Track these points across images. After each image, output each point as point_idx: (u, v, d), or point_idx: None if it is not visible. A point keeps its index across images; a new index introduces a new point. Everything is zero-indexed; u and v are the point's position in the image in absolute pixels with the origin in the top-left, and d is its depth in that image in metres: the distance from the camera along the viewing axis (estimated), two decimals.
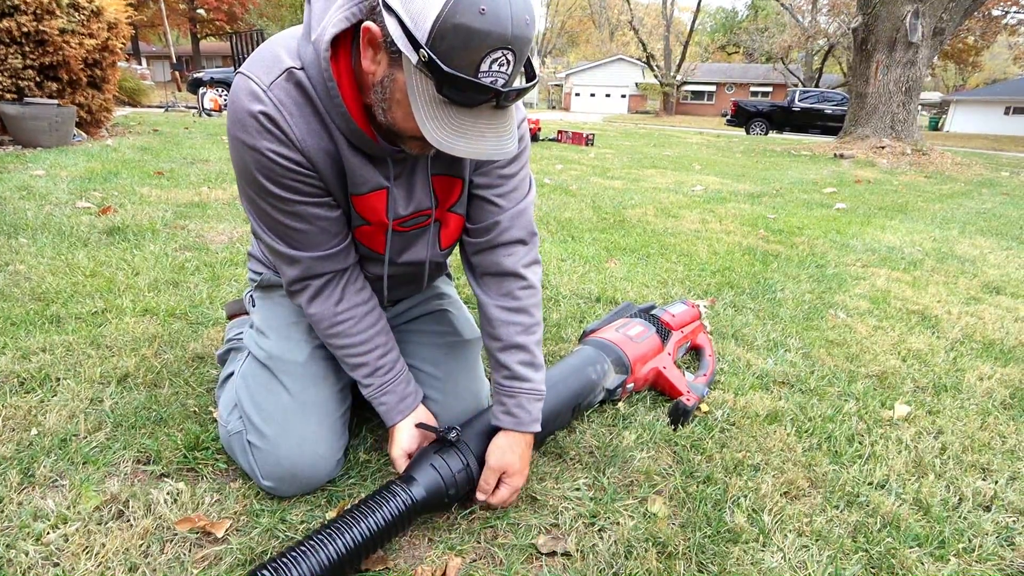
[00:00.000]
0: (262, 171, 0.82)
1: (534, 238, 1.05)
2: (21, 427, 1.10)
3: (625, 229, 3.15)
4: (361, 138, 0.83)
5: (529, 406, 0.98)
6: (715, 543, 0.94)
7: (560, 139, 9.02)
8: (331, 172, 0.87)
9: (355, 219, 0.94)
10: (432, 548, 0.90)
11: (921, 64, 9.06)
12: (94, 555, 0.83)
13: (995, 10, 20.91)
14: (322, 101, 0.81)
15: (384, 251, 0.99)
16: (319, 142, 0.83)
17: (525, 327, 1.00)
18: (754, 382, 1.48)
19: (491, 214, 0.99)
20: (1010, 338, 1.89)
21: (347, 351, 0.98)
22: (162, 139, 5.76)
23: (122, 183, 3.38)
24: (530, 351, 1.00)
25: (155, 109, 11.45)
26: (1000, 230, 3.82)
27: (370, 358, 0.98)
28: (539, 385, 1.00)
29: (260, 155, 0.81)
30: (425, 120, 0.71)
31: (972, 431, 1.32)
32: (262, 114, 0.78)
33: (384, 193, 0.91)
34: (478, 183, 0.99)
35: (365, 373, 0.99)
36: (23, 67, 4.54)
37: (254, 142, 0.80)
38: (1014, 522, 1.03)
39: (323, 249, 0.92)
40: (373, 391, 1.00)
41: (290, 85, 0.80)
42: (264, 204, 0.87)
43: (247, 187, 0.87)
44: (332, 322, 0.96)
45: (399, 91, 0.74)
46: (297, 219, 0.88)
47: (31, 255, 2.02)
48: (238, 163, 0.84)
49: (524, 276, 1.01)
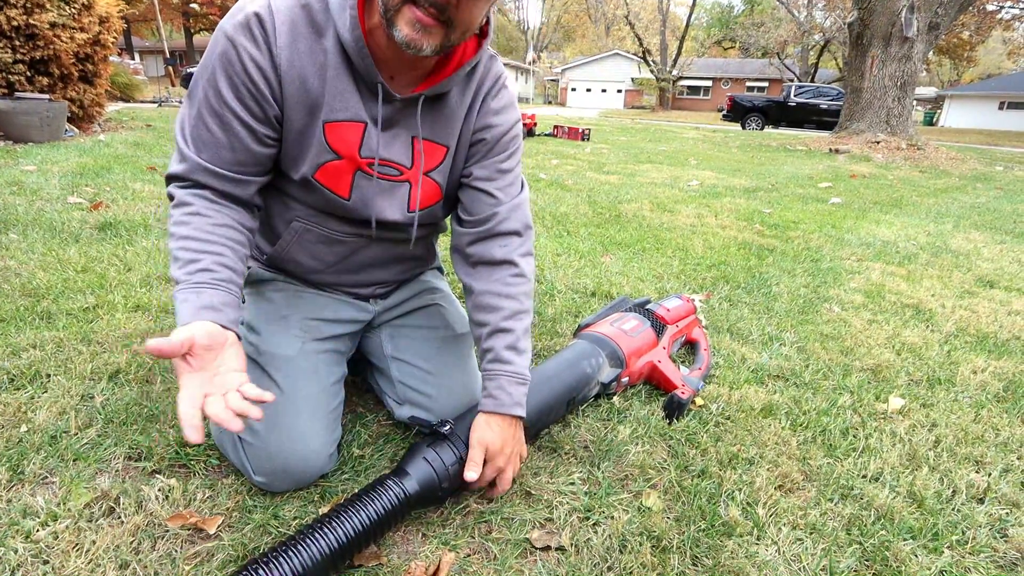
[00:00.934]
0: (223, 61, 0.83)
1: (529, 231, 1.06)
2: (11, 424, 1.09)
3: (621, 224, 3.14)
4: (362, 52, 0.84)
5: (510, 388, 0.97)
6: (709, 536, 0.94)
7: (556, 134, 9.01)
8: (300, 96, 0.86)
9: (323, 153, 0.90)
10: (426, 543, 0.90)
11: (916, 59, 9.07)
12: (84, 552, 0.82)
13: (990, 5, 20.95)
14: (333, 16, 0.84)
15: (348, 195, 0.95)
16: (300, 61, 0.85)
17: (513, 312, 1.00)
18: (749, 376, 1.48)
19: (489, 206, 1.01)
20: (1004, 331, 1.90)
21: (185, 243, 0.83)
22: (155, 134, 5.72)
23: (114, 178, 3.35)
24: (515, 335, 1.00)
25: (148, 104, 11.37)
26: (994, 224, 3.83)
27: (206, 260, 0.83)
28: (521, 369, 0.99)
29: (231, 46, 0.82)
30: None
31: (966, 424, 1.32)
32: (254, 14, 0.81)
33: (361, 127, 0.90)
34: (478, 176, 1.01)
35: (191, 270, 0.81)
36: (13, 61, 4.50)
37: (233, 34, 0.82)
38: (1007, 514, 1.04)
39: (219, 165, 0.87)
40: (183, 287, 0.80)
41: (296, 1, 0.83)
42: (200, 93, 0.85)
43: (199, 72, 0.86)
44: (193, 211, 0.85)
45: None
46: (218, 122, 0.85)
47: (22, 251, 2.01)
48: (208, 53, 0.85)
49: (517, 264, 1.02)
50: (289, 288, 1.08)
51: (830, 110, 15.94)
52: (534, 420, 1.09)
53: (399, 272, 1.16)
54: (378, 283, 1.14)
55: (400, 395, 1.13)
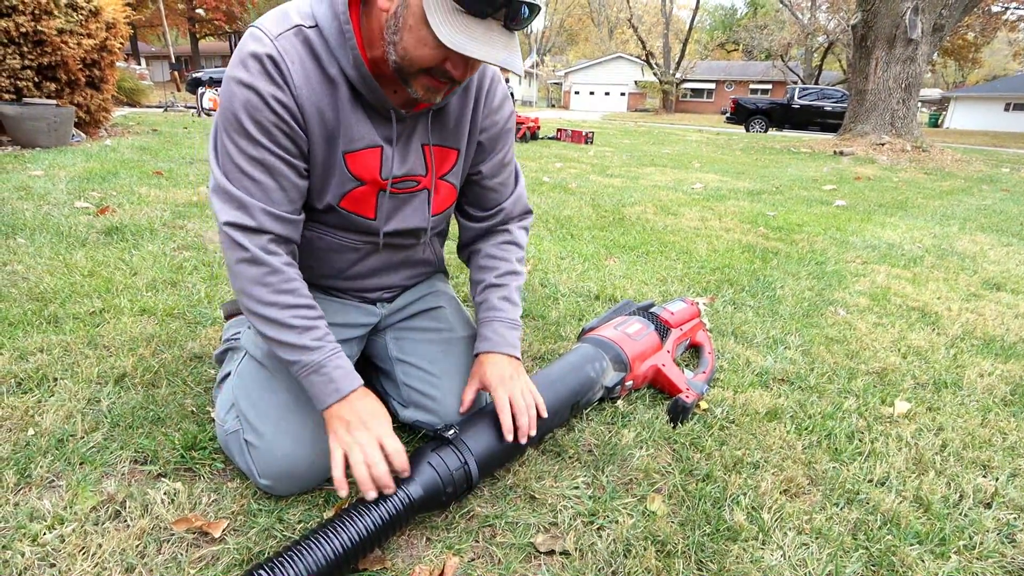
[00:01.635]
0: (248, 109, 0.83)
1: (528, 214, 1.21)
2: (18, 427, 1.10)
3: (624, 227, 3.14)
4: (367, 82, 0.86)
5: (503, 331, 1.06)
6: (714, 541, 0.93)
7: (559, 137, 9.02)
8: (319, 130, 0.88)
9: (347, 182, 0.94)
10: (430, 547, 0.90)
11: (921, 61, 9.04)
12: (91, 556, 0.83)
13: (995, 6, 20.88)
14: (333, 51, 0.85)
15: (374, 215, 0.99)
16: (315, 96, 0.86)
17: (505, 271, 1.12)
18: (754, 379, 1.48)
19: (496, 201, 1.13)
20: (1010, 334, 1.89)
21: (297, 312, 0.89)
22: (161, 139, 5.75)
23: (121, 183, 3.37)
24: (508, 288, 1.11)
25: (154, 109, 11.45)
26: (1000, 226, 3.81)
27: (321, 323, 0.92)
28: (513, 315, 1.09)
29: (253, 93, 0.82)
30: (440, 25, 0.76)
31: (973, 428, 1.31)
32: (266, 56, 0.82)
33: (379, 151, 0.93)
34: (486, 174, 1.09)
35: (317, 336, 0.90)
36: (21, 67, 4.54)
37: (251, 80, 0.82)
38: (1015, 519, 1.03)
39: (276, 207, 0.89)
40: (328, 352, 0.90)
41: (297, 40, 0.84)
42: (232, 147, 0.85)
43: (223, 127, 0.86)
44: (287, 277, 0.90)
45: (412, 16, 0.78)
46: (261, 169, 0.86)
47: (29, 255, 2.02)
48: (226, 104, 0.84)
49: (514, 233, 1.16)
50: None
51: (834, 112, 15.90)
52: (538, 424, 1.09)
53: (407, 277, 1.18)
54: (386, 287, 1.15)
55: (405, 397, 1.13)
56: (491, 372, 1.02)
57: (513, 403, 0.98)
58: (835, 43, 26.03)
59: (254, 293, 0.88)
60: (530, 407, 1.00)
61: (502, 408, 0.97)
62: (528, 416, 0.99)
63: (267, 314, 0.88)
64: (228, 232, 0.88)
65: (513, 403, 0.98)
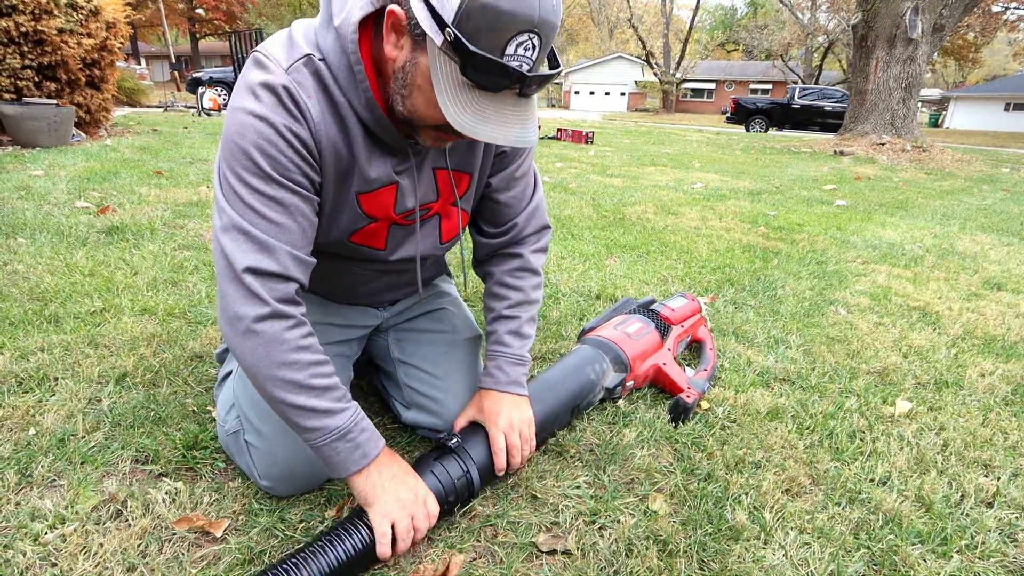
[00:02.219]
0: (261, 143, 0.75)
1: (546, 231, 1.12)
2: (19, 427, 1.10)
3: (625, 227, 3.14)
4: (382, 124, 0.81)
5: (508, 368, 1.04)
6: (716, 541, 0.93)
7: (560, 137, 9.01)
8: (333, 167, 0.83)
9: (359, 220, 0.89)
10: (432, 546, 0.90)
11: (921, 60, 9.04)
12: (92, 555, 0.83)
13: (995, 6, 20.87)
14: (343, 89, 0.78)
15: (384, 247, 0.97)
16: (331, 132, 0.80)
17: (517, 302, 1.07)
18: (755, 379, 1.47)
19: (508, 217, 1.06)
20: (1011, 334, 1.89)
21: (317, 370, 0.81)
22: (161, 139, 5.75)
23: (121, 183, 3.37)
24: (518, 322, 1.07)
25: (154, 109, 11.44)
26: (1001, 226, 3.81)
27: (336, 380, 0.85)
28: (520, 351, 1.06)
29: (267, 126, 0.75)
30: (448, 102, 0.70)
31: (974, 427, 1.31)
32: (282, 87, 0.75)
33: (394, 188, 0.89)
34: (496, 187, 1.03)
35: (338, 396, 0.83)
36: (21, 67, 4.54)
37: (264, 112, 0.75)
38: (1017, 518, 1.03)
39: (298, 250, 0.81)
40: (352, 414, 0.84)
41: (308, 71, 0.77)
42: (242, 186, 0.76)
43: (231, 164, 0.77)
44: (307, 331, 0.82)
45: (420, 76, 0.73)
46: (279, 208, 0.78)
47: (29, 255, 2.02)
48: (233, 137, 0.76)
49: (527, 259, 1.09)
50: None
51: (834, 112, 15.90)
52: (539, 429, 1.09)
53: (411, 291, 1.16)
54: (389, 300, 1.15)
55: (406, 399, 1.13)
56: (490, 408, 1.00)
57: (509, 443, 0.98)
58: (835, 43, 26.04)
59: (268, 355, 0.78)
60: (525, 448, 1.01)
61: (497, 448, 0.97)
62: (520, 457, 1.00)
63: (282, 377, 0.78)
64: (246, 281, 0.76)
65: (509, 443, 0.98)
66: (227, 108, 0.80)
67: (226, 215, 0.77)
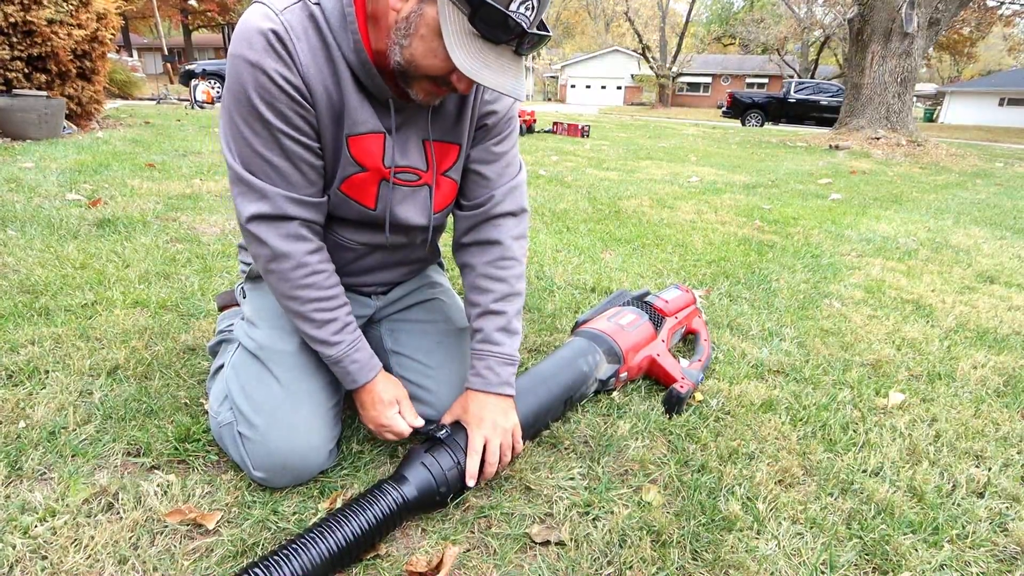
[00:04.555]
0: (259, 91, 0.81)
1: (524, 214, 1.09)
2: (9, 420, 1.09)
3: (620, 220, 3.14)
4: (367, 68, 0.84)
5: (499, 369, 1.01)
6: (709, 531, 0.93)
7: (556, 131, 8.99)
8: (327, 110, 0.86)
9: (348, 166, 0.91)
10: (425, 538, 0.90)
11: (916, 55, 9.05)
12: (83, 548, 0.82)
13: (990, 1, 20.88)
14: (334, 32, 0.83)
15: (374, 205, 0.97)
16: (321, 76, 0.84)
17: (503, 295, 1.04)
18: (749, 371, 1.48)
19: (486, 189, 1.05)
20: (1004, 327, 1.90)
21: (317, 305, 0.92)
22: (153, 131, 5.70)
23: (113, 175, 3.34)
24: (506, 317, 1.04)
25: (146, 101, 11.34)
26: (994, 220, 3.83)
27: (340, 313, 0.95)
28: (510, 350, 1.03)
29: (261, 73, 0.80)
30: (455, 47, 0.75)
31: (966, 419, 1.32)
32: (271, 31, 0.79)
33: (381, 138, 0.91)
34: (474, 158, 1.04)
35: (335, 329, 0.94)
36: (11, 58, 4.48)
37: (258, 58, 0.79)
38: (1007, 508, 1.03)
39: (297, 192, 0.89)
40: (344, 348, 0.95)
41: (303, 15, 0.82)
42: (248, 131, 0.83)
43: (236, 111, 0.83)
44: (310, 270, 0.91)
45: (425, 26, 0.77)
46: (279, 153, 0.85)
47: (20, 247, 2.00)
48: (234, 85, 0.82)
49: (509, 247, 1.06)
50: None
51: (830, 106, 15.89)
52: (532, 422, 1.09)
53: (403, 274, 1.17)
54: (382, 283, 1.15)
55: None
56: (474, 411, 0.98)
57: (487, 449, 0.96)
58: (831, 37, 26.02)
59: (278, 288, 0.92)
60: (505, 455, 0.99)
61: (473, 450, 0.95)
62: (498, 465, 0.97)
63: (290, 307, 0.93)
64: (251, 229, 0.88)
65: (487, 449, 0.96)
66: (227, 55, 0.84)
67: (232, 169, 0.87)
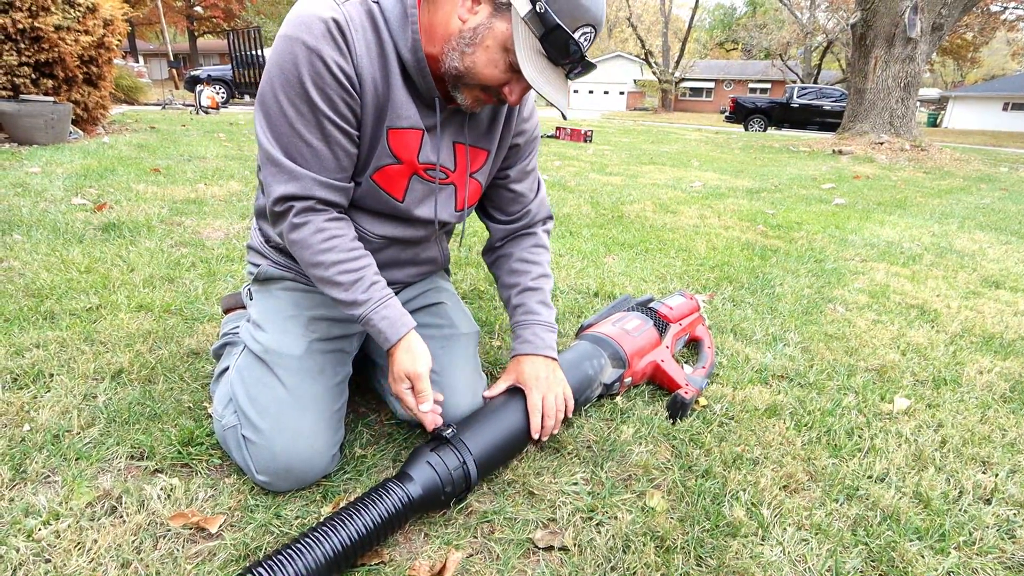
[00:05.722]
0: (312, 75, 0.83)
1: (551, 218, 1.27)
2: (13, 423, 1.09)
3: (623, 225, 3.14)
4: (423, 71, 0.89)
5: (543, 335, 1.11)
6: (714, 537, 0.93)
7: (558, 136, 9.00)
8: (372, 102, 0.90)
9: (384, 156, 0.95)
10: (428, 543, 0.90)
11: (920, 60, 9.04)
12: (86, 551, 0.82)
13: (994, 6, 20.88)
14: (391, 31, 0.87)
15: (402, 198, 1.01)
16: (372, 69, 0.88)
17: (539, 275, 1.18)
18: (753, 376, 1.47)
19: (521, 204, 1.19)
20: (1010, 332, 1.89)
21: (342, 266, 0.94)
22: (159, 136, 5.73)
23: (118, 180, 3.36)
24: (543, 293, 1.17)
25: (152, 107, 11.40)
26: (999, 225, 3.82)
27: (367, 272, 0.96)
28: (550, 319, 1.15)
29: (317, 58, 0.83)
30: (525, 61, 0.82)
31: (972, 424, 1.31)
32: (333, 20, 0.83)
33: (420, 134, 0.95)
34: (514, 178, 1.15)
35: (364, 287, 0.95)
36: (18, 64, 4.52)
37: (316, 44, 0.82)
38: (1015, 515, 1.03)
39: (328, 176, 0.92)
40: (374, 305, 0.95)
41: (363, 10, 0.86)
42: (293, 112, 0.86)
43: (283, 90, 0.85)
44: (330, 234, 0.93)
45: (492, 38, 0.84)
46: (319, 136, 0.88)
47: (25, 251, 2.01)
48: (285, 64, 0.84)
49: (541, 238, 1.23)
50: (297, 287, 1.08)
51: (833, 111, 15.90)
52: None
53: (412, 275, 1.18)
54: (391, 283, 1.14)
55: None
56: (529, 372, 1.07)
57: (545, 404, 1.04)
58: (834, 42, 26.04)
59: (302, 256, 0.94)
60: (560, 411, 1.07)
61: (533, 408, 1.03)
62: (555, 419, 1.05)
63: (315, 275, 0.95)
64: (276, 209, 0.91)
65: (545, 404, 1.04)
66: (277, 36, 0.86)
67: (264, 149, 0.90)
